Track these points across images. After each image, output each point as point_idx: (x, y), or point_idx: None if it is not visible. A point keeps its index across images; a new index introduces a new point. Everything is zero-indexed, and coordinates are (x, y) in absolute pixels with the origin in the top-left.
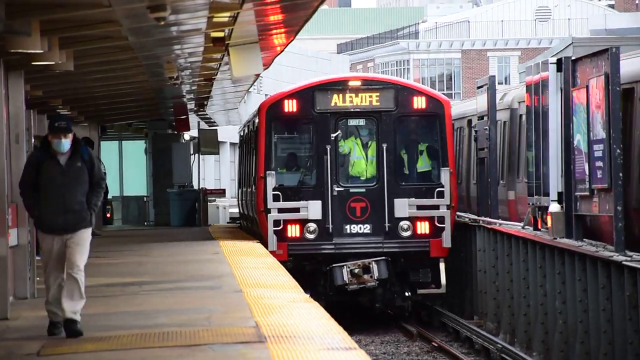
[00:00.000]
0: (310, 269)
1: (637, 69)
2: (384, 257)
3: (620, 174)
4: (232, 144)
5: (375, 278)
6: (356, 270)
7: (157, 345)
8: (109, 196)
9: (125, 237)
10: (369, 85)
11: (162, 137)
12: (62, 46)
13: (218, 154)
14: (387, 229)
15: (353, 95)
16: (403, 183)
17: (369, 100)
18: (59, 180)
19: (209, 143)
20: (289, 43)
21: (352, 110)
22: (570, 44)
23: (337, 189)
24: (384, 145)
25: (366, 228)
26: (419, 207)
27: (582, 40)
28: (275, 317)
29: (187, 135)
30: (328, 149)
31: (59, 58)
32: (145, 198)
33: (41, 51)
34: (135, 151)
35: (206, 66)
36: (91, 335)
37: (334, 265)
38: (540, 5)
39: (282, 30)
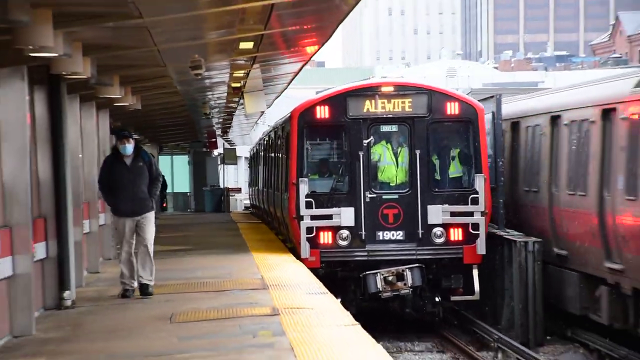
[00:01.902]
0: (342, 275)
1: (520, 109)
2: (417, 265)
3: (502, 178)
4: (246, 158)
5: (409, 285)
6: (390, 278)
7: (196, 290)
8: (167, 190)
9: (175, 220)
10: (402, 91)
11: (199, 153)
12: (133, 92)
13: (236, 164)
14: (420, 236)
15: (385, 101)
16: (436, 189)
17: (402, 106)
18: (126, 177)
19: (230, 157)
20: (284, 90)
21: (384, 116)
22: (469, 92)
23: (369, 195)
24: (417, 152)
25: (399, 235)
26: (453, 214)
27: (477, 90)
28: (275, 272)
29: (215, 152)
30: (361, 155)
31: (131, 100)
32: (188, 193)
33: (119, 96)
34: (182, 163)
35: (228, 106)
36: (154, 284)
37: (367, 272)
38: (450, 67)
39: (279, 82)
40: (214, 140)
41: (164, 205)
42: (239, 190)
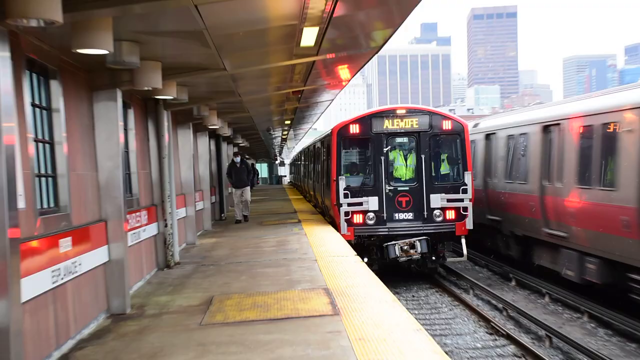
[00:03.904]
0: (368, 244)
1: (483, 126)
2: (425, 237)
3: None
4: (289, 164)
5: (419, 252)
6: (405, 247)
7: (270, 213)
8: (259, 176)
9: (262, 188)
10: (411, 113)
11: (270, 162)
12: (247, 140)
13: (284, 166)
14: (425, 216)
15: (399, 120)
16: (436, 183)
17: (411, 123)
18: (237, 172)
19: (282, 163)
20: (302, 138)
21: (398, 131)
22: None
23: (388, 187)
24: (422, 156)
25: (409, 215)
26: (448, 200)
27: None
28: (299, 206)
29: (276, 161)
30: (382, 159)
31: (245, 143)
32: (267, 177)
33: (241, 141)
34: (264, 165)
35: (281, 144)
36: (252, 216)
37: (388, 243)
38: None
39: (299, 137)
40: (275, 156)
41: (258, 182)
42: (285, 176)
